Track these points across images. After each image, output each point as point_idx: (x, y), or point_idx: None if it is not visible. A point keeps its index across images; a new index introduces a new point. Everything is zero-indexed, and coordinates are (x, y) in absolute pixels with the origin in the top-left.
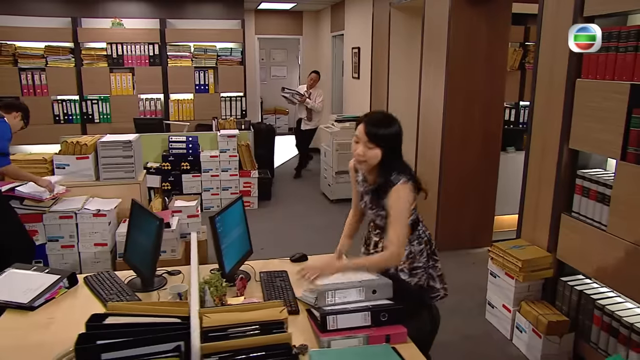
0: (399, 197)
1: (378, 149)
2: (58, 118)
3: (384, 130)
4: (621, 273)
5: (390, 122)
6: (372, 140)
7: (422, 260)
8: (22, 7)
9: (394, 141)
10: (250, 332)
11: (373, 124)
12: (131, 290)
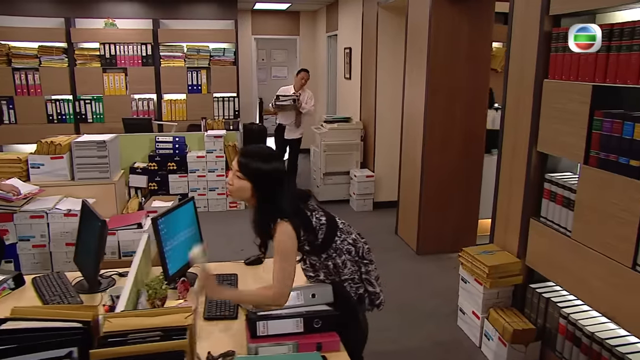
0: (278, 237)
1: (246, 181)
2: (51, 118)
3: (257, 163)
4: (584, 281)
5: (267, 159)
6: (242, 170)
7: (347, 272)
8: (16, 7)
9: (266, 178)
10: (151, 338)
11: (248, 155)
12: (75, 292)
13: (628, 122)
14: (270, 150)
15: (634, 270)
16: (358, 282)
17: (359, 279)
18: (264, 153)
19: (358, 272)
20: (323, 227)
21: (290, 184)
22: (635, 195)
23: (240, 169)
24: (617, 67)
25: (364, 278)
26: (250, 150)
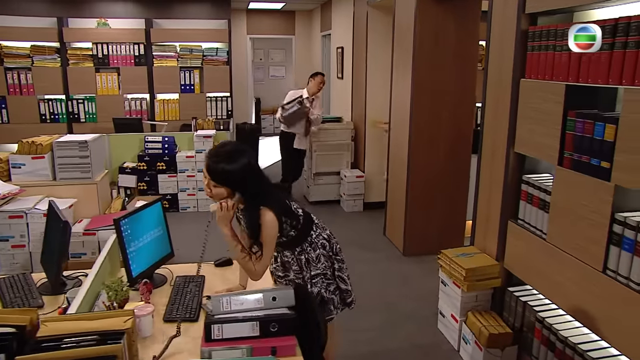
0: (264, 224)
1: (223, 187)
2: (44, 117)
3: (222, 166)
4: (559, 285)
5: (231, 159)
6: (214, 178)
7: (320, 266)
8: (8, 6)
9: (236, 177)
10: (86, 343)
11: (215, 161)
12: (38, 294)
13: (599, 123)
14: (234, 147)
15: (604, 274)
16: (330, 279)
17: (332, 275)
18: (228, 153)
19: (331, 269)
20: (300, 219)
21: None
22: (605, 197)
23: (211, 177)
24: (589, 66)
25: (337, 275)
26: (214, 154)
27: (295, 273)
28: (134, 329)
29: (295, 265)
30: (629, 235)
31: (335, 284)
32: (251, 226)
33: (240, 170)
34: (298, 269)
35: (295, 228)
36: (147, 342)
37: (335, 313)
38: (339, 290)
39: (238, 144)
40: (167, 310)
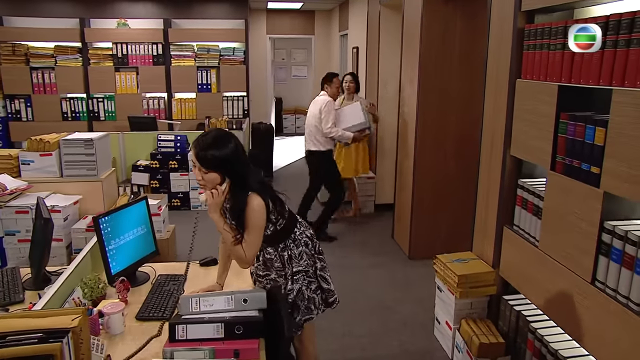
0: (249, 211)
1: (212, 172)
2: (66, 115)
3: (214, 152)
4: (550, 295)
5: (219, 145)
6: (204, 165)
7: (302, 263)
8: (35, 8)
9: (229, 162)
10: (29, 341)
11: (202, 148)
12: (22, 289)
13: (589, 126)
14: (218, 133)
15: (593, 285)
16: (312, 277)
17: (313, 274)
18: (215, 140)
19: (313, 267)
20: (286, 214)
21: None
22: (595, 204)
23: (202, 163)
24: (581, 66)
25: (319, 274)
26: (201, 142)
27: (277, 270)
28: (83, 328)
29: (277, 262)
30: (617, 245)
31: (317, 282)
32: (237, 210)
33: (229, 154)
34: (280, 266)
35: (282, 216)
36: (117, 339)
37: (316, 313)
38: (320, 289)
39: (222, 130)
40: (141, 308)
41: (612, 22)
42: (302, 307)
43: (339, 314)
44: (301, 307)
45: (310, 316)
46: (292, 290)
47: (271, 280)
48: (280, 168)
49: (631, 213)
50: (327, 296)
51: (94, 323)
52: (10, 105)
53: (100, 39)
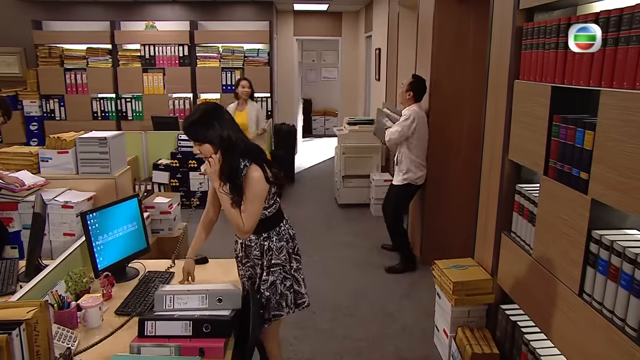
0: (250, 181)
1: (205, 144)
2: (96, 115)
3: (199, 129)
4: (540, 305)
5: (205, 121)
6: (195, 139)
7: (281, 257)
8: (70, 12)
9: (214, 135)
10: None
11: (187, 125)
12: (17, 281)
13: (580, 129)
14: (205, 107)
15: (580, 297)
16: (287, 273)
17: (289, 271)
18: (200, 117)
19: (289, 264)
20: (278, 200)
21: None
22: (583, 212)
23: (192, 138)
24: (573, 66)
25: (293, 274)
26: (188, 120)
27: (255, 258)
28: (40, 320)
29: (256, 251)
30: (604, 256)
31: (291, 281)
32: (228, 173)
33: (213, 125)
34: (258, 255)
35: (274, 201)
36: (94, 332)
37: (287, 312)
38: (293, 289)
39: (210, 104)
40: (121, 303)
41: (601, 19)
42: (273, 300)
43: (341, 317)
44: (272, 301)
45: (279, 313)
46: (266, 281)
47: (250, 268)
48: (304, 169)
49: (622, 222)
50: (297, 297)
51: (72, 316)
52: (46, 105)
53: (129, 41)
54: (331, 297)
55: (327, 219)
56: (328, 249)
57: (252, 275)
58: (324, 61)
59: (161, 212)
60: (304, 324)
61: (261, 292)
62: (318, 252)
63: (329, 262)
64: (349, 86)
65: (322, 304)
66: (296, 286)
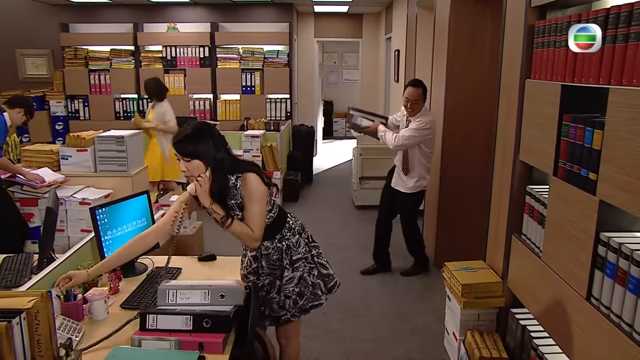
0: (249, 186)
1: (194, 160)
2: (119, 115)
3: (190, 147)
4: (549, 310)
5: (195, 139)
6: (185, 154)
7: (301, 251)
8: (95, 15)
9: (206, 152)
10: None
11: (179, 140)
12: (30, 273)
13: (589, 128)
14: (196, 125)
15: (588, 302)
16: (311, 263)
17: (312, 260)
18: (192, 132)
19: (310, 254)
20: (277, 203)
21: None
22: (591, 213)
23: (180, 154)
24: (583, 64)
25: (316, 261)
26: (179, 135)
27: (274, 263)
28: (41, 310)
29: (275, 255)
30: (612, 258)
31: (317, 269)
32: (217, 193)
33: (209, 146)
34: (278, 257)
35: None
36: (99, 325)
37: (325, 299)
38: (321, 275)
39: (201, 122)
40: (127, 297)
41: (612, 14)
42: (307, 293)
43: (351, 318)
44: (306, 294)
45: (318, 302)
46: (294, 279)
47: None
48: (322, 170)
49: (633, 225)
50: (327, 281)
51: (78, 308)
52: (71, 105)
53: (152, 43)
54: (342, 298)
55: (343, 220)
56: (343, 249)
57: (272, 282)
58: (345, 63)
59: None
60: (314, 324)
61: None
62: (333, 253)
63: (342, 262)
64: (369, 88)
65: (333, 305)
66: (323, 270)
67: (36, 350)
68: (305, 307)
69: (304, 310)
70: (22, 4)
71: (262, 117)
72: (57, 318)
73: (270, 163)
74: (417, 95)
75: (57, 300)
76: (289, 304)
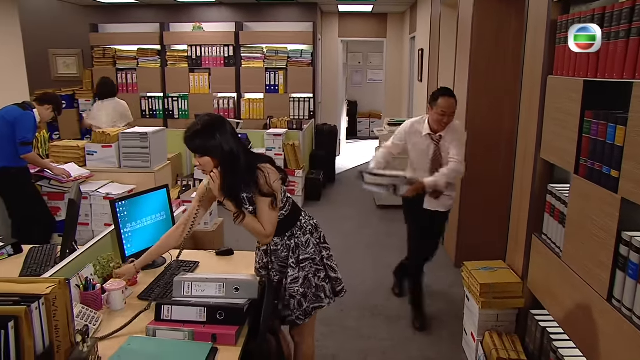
0: (263, 182)
1: (206, 157)
2: (144, 113)
3: (200, 139)
4: (569, 311)
5: (207, 131)
6: (194, 150)
7: (309, 251)
8: (123, 15)
9: (215, 148)
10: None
11: (188, 136)
12: (54, 263)
13: (611, 124)
14: (207, 121)
15: (609, 302)
16: (319, 265)
17: (320, 262)
18: (202, 127)
19: (319, 255)
20: (290, 200)
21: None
22: (612, 211)
23: (192, 149)
24: (607, 58)
25: (326, 263)
26: (189, 131)
27: (282, 260)
28: (59, 296)
29: (284, 252)
30: (634, 258)
31: (325, 271)
32: (232, 190)
33: (215, 139)
34: (286, 255)
35: (287, 201)
36: (117, 315)
37: (327, 303)
38: (328, 278)
39: (212, 116)
40: (145, 289)
41: (637, 6)
42: (309, 295)
43: (369, 317)
44: (309, 295)
45: (320, 304)
46: (299, 278)
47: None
48: (345, 170)
49: None
50: (335, 285)
51: (96, 297)
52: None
53: (177, 42)
54: (361, 297)
55: (364, 219)
56: (362, 248)
57: (281, 279)
58: (370, 63)
59: None
60: (331, 321)
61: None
62: (352, 252)
63: (362, 261)
64: (393, 88)
65: (351, 303)
66: (332, 273)
67: (54, 336)
68: (308, 310)
69: (308, 313)
70: (54, 5)
71: (286, 116)
72: (76, 306)
73: (292, 161)
74: (454, 106)
75: (76, 290)
76: (293, 304)
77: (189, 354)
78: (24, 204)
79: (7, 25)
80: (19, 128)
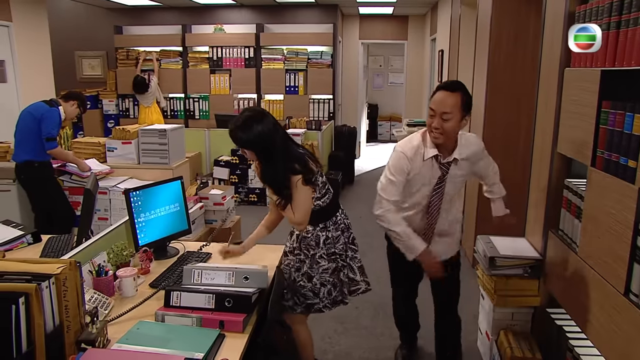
0: (295, 189)
1: (249, 150)
2: (166, 114)
3: (240, 133)
4: (586, 308)
5: (244, 127)
6: (240, 145)
7: (338, 247)
8: (146, 17)
9: (259, 142)
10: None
11: (231, 130)
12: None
13: (629, 113)
14: (249, 115)
15: (626, 297)
16: (344, 262)
17: (345, 260)
18: (241, 123)
19: (345, 253)
20: (331, 190)
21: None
22: (630, 203)
23: (237, 144)
24: (625, 46)
25: (349, 263)
26: (232, 125)
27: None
28: (69, 277)
29: (312, 242)
30: None
31: (348, 269)
32: (272, 182)
33: (254, 134)
34: (313, 245)
35: (328, 191)
36: (128, 301)
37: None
38: (348, 277)
39: (254, 110)
40: (157, 277)
41: None
42: (338, 285)
43: (383, 315)
44: (338, 286)
45: (344, 300)
46: (329, 269)
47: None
48: (364, 172)
49: None
50: (351, 284)
51: (108, 284)
52: (122, 103)
53: (199, 44)
54: (377, 296)
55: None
56: (380, 248)
57: (299, 268)
58: (391, 66)
59: (215, 203)
60: (345, 319)
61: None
62: (370, 252)
63: (379, 261)
64: (414, 91)
65: (367, 302)
66: (351, 274)
67: (64, 316)
68: (337, 299)
69: (336, 302)
70: (81, 9)
71: (305, 117)
72: (88, 292)
73: None
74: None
75: (89, 276)
76: (323, 293)
77: (197, 339)
78: (45, 197)
79: (36, 28)
80: (44, 124)
